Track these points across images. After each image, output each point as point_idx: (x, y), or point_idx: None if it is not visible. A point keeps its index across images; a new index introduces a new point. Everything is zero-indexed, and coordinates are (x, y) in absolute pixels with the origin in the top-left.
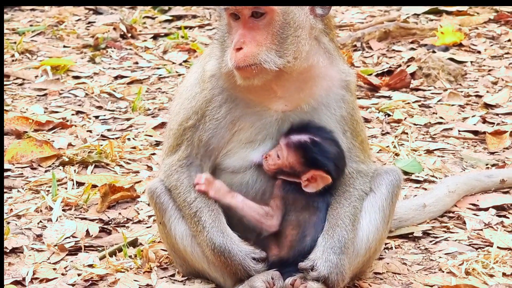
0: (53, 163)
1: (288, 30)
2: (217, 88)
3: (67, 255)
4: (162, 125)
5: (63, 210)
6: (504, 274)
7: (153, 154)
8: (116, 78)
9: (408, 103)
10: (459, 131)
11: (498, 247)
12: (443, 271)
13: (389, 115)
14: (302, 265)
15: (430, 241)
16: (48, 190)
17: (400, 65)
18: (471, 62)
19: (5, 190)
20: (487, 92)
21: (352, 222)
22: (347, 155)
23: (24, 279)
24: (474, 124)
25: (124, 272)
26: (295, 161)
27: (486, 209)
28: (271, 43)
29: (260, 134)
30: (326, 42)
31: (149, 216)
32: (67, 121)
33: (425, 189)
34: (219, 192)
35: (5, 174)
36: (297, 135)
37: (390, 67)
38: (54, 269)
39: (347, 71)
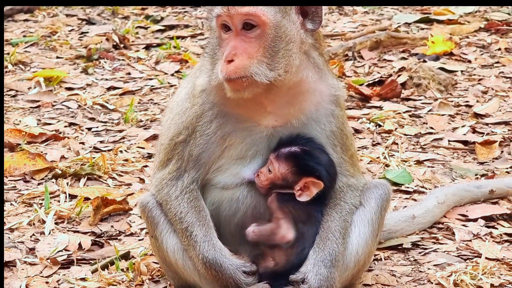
0: (46, 176)
1: (279, 43)
2: (207, 103)
3: (59, 268)
4: (154, 137)
5: (56, 223)
6: (492, 286)
7: (145, 166)
8: (108, 89)
9: (399, 113)
10: (449, 141)
11: (486, 258)
12: (432, 283)
13: (380, 126)
14: (293, 278)
15: (419, 253)
16: (41, 203)
17: (391, 75)
18: (462, 71)
19: None
20: (477, 101)
21: (342, 235)
22: (338, 169)
23: None
24: (464, 134)
25: (116, 285)
26: (286, 171)
27: (475, 220)
28: (262, 56)
29: (251, 150)
30: (315, 56)
31: (141, 229)
32: (60, 133)
33: (415, 200)
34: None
35: None
36: (287, 147)
37: (381, 76)
38: (47, 282)
39: (336, 85)
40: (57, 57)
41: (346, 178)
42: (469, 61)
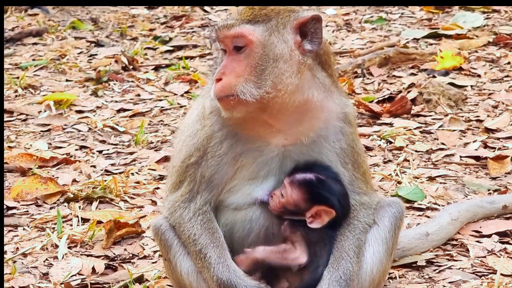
0: (58, 200)
1: (267, 61)
2: (217, 124)
3: None
4: (166, 159)
5: (69, 247)
6: None
7: (157, 188)
8: (118, 111)
9: (410, 129)
10: (460, 157)
11: (501, 274)
12: None
13: (390, 142)
14: None
15: (434, 270)
16: (53, 228)
17: (400, 91)
18: (471, 86)
19: (10, 228)
20: (488, 116)
21: (356, 254)
22: (349, 187)
23: None
24: (476, 149)
25: None
26: (299, 198)
27: (489, 236)
28: (249, 74)
29: (263, 171)
30: (321, 77)
31: (155, 252)
32: (71, 156)
33: (428, 216)
34: (245, 263)
35: (11, 212)
36: (302, 174)
37: (391, 93)
38: None
39: (344, 103)
40: (67, 80)
41: (359, 196)
42: (479, 76)
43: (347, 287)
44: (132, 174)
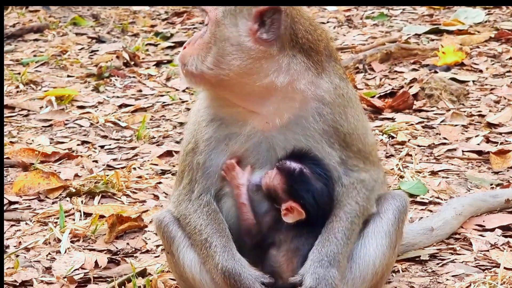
0: (60, 195)
1: (215, 40)
2: (203, 108)
3: (76, 287)
4: (167, 153)
5: (72, 242)
6: None
7: (159, 183)
8: (120, 106)
9: (412, 124)
10: (463, 151)
11: (505, 268)
12: None
13: (393, 137)
14: (292, 280)
15: (437, 264)
16: (56, 222)
17: (402, 87)
18: (473, 81)
19: (13, 223)
20: (490, 111)
21: (346, 237)
22: (342, 167)
23: None
24: (478, 144)
25: None
26: (278, 187)
27: (492, 230)
28: (200, 49)
29: (252, 156)
30: (296, 63)
31: (157, 246)
32: (73, 151)
33: (431, 211)
34: (233, 181)
35: (13, 206)
36: (290, 163)
37: (392, 88)
38: None
39: (327, 85)
40: (68, 76)
41: (357, 173)
42: (481, 71)
43: (330, 267)
44: (134, 169)
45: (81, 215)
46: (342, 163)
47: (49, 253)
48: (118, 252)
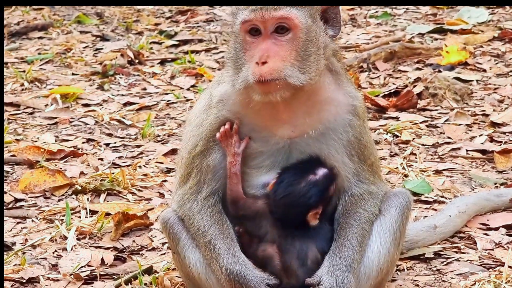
0: (66, 192)
1: (311, 47)
2: (223, 111)
3: (83, 284)
4: (173, 151)
5: (78, 239)
6: None
7: (165, 181)
8: (125, 105)
9: (416, 123)
10: (467, 150)
11: (509, 267)
12: None
13: (397, 136)
14: (309, 281)
15: (442, 262)
16: (62, 219)
17: (406, 86)
18: (477, 80)
19: (19, 220)
20: (494, 110)
21: (359, 243)
22: (356, 178)
23: None
24: (482, 143)
25: None
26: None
27: (497, 229)
28: (294, 60)
29: (267, 161)
30: (335, 62)
31: (163, 243)
32: (78, 149)
33: (435, 210)
34: (228, 148)
35: (19, 204)
36: (320, 167)
37: (396, 87)
38: None
39: (353, 94)
40: (73, 74)
41: (367, 186)
42: (484, 70)
43: (348, 272)
44: (140, 167)
45: (87, 213)
46: (356, 174)
47: (56, 250)
48: (124, 250)
